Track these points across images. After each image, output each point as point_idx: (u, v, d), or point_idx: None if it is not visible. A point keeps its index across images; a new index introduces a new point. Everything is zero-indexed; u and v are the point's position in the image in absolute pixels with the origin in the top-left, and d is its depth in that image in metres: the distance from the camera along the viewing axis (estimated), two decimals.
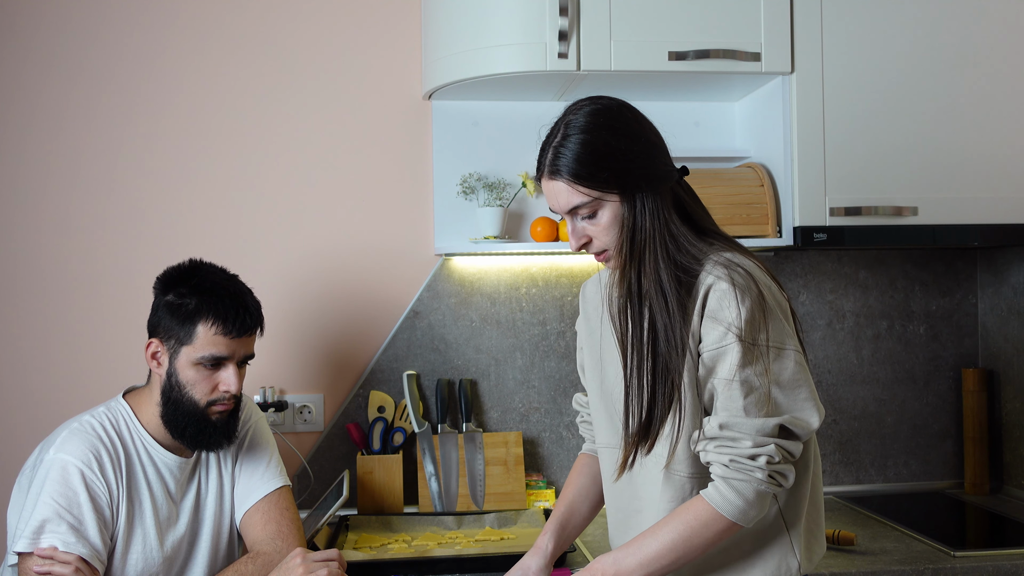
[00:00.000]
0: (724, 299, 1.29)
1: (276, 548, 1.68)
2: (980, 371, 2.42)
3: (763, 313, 1.29)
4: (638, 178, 1.33)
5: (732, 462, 1.26)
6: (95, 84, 2.25)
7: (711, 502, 1.28)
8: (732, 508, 1.27)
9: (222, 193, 2.29)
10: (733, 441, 1.27)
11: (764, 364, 1.28)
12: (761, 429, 1.26)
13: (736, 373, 1.27)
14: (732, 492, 1.26)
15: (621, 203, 1.34)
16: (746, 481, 1.26)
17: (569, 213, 1.37)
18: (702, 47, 2.06)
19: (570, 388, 2.38)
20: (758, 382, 1.27)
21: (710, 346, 1.30)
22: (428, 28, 2.24)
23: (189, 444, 1.65)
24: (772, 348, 1.29)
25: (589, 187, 1.32)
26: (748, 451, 1.25)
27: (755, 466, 1.25)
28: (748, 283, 1.30)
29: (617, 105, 1.38)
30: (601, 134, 1.33)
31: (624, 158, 1.33)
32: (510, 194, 2.32)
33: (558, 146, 1.34)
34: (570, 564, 1.81)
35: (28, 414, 2.20)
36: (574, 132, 1.34)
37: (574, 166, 1.32)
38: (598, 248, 1.38)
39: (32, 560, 1.50)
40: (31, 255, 2.23)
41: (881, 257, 2.48)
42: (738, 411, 1.27)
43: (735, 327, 1.27)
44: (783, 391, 1.29)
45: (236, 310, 1.62)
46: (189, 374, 1.61)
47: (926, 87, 2.13)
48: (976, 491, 2.40)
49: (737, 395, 1.27)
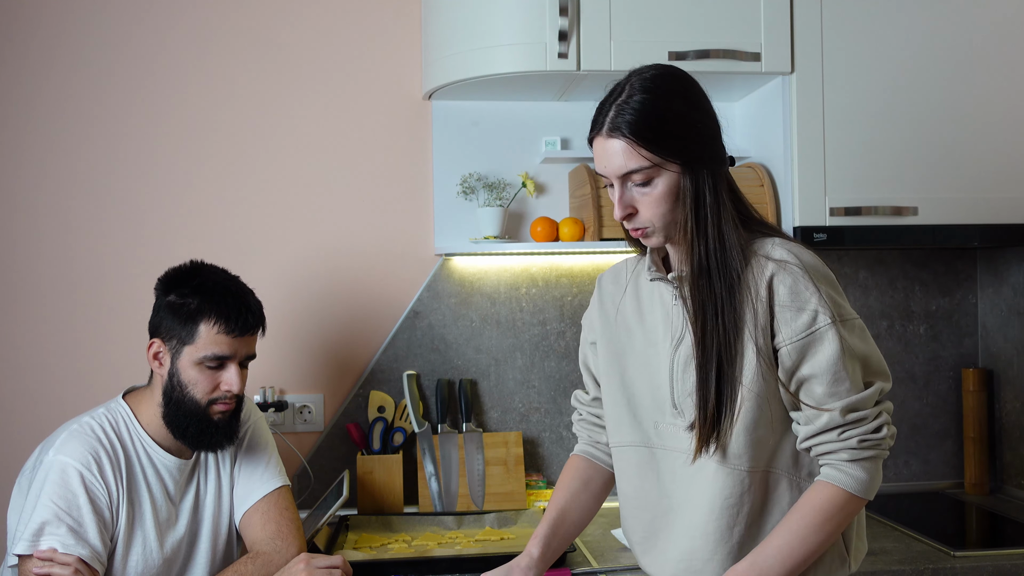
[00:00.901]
0: (798, 284, 1.25)
1: (276, 548, 1.68)
2: (980, 371, 2.42)
3: (836, 290, 1.28)
4: (703, 152, 1.26)
5: (862, 442, 1.25)
6: (95, 85, 2.25)
7: (844, 486, 1.25)
8: (863, 486, 1.25)
9: (223, 193, 2.29)
10: (859, 422, 1.25)
11: (856, 334, 1.27)
12: (872, 399, 1.26)
13: (840, 353, 1.24)
14: (862, 471, 1.25)
15: (681, 174, 1.26)
16: (875, 457, 1.26)
17: (621, 178, 1.27)
18: (702, 47, 2.06)
19: (570, 388, 2.38)
20: (859, 353, 1.27)
21: (798, 334, 1.25)
22: (428, 28, 2.24)
23: (191, 444, 1.65)
24: (852, 320, 1.28)
25: (652, 151, 1.24)
26: (872, 425, 1.25)
27: (880, 438, 1.26)
28: (816, 265, 1.28)
29: (686, 74, 1.31)
30: (673, 99, 1.26)
31: (693, 128, 1.26)
32: (510, 194, 2.32)
33: (622, 104, 1.25)
34: (570, 564, 1.81)
35: (28, 414, 2.20)
36: (642, 92, 1.25)
37: (638, 126, 1.24)
38: (642, 222, 1.29)
39: (32, 562, 1.50)
40: (31, 255, 2.23)
41: (881, 257, 2.48)
42: (851, 389, 1.25)
43: (825, 310, 1.24)
44: (872, 358, 1.29)
45: (238, 309, 1.62)
46: (191, 374, 1.61)
47: (926, 87, 2.12)
48: (976, 491, 2.40)
49: (845, 375, 1.24)
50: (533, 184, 2.32)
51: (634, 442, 1.40)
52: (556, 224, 2.23)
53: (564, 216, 2.34)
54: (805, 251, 1.29)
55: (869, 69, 2.11)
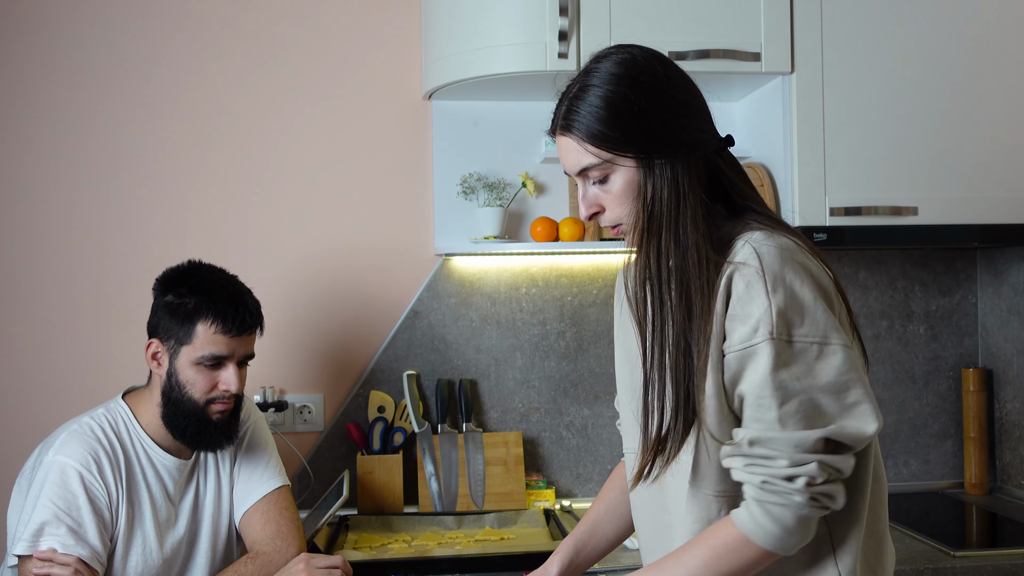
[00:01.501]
0: (751, 288, 1.08)
1: (276, 548, 1.68)
2: (980, 371, 2.42)
3: (800, 302, 1.08)
4: (658, 141, 1.14)
5: (765, 484, 1.07)
6: (95, 84, 2.25)
7: (741, 526, 1.09)
8: (766, 535, 1.08)
9: (222, 193, 2.29)
10: (766, 460, 1.07)
11: (805, 364, 1.07)
12: (800, 444, 1.06)
13: (769, 378, 1.06)
14: (767, 517, 1.07)
15: (637, 168, 1.15)
16: (784, 506, 1.07)
17: (579, 175, 1.20)
18: (702, 47, 2.06)
19: (570, 388, 2.38)
20: (797, 387, 1.07)
21: (736, 346, 1.10)
22: (428, 28, 2.24)
23: (190, 444, 1.65)
24: (814, 344, 1.07)
25: (600, 147, 1.15)
26: (784, 471, 1.06)
27: (793, 488, 1.06)
28: (781, 266, 1.09)
29: (646, 56, 1.19)
30: (621, 87, 1.15)
31: (644, 117, 1.14)
32: (510, 194, 2.32)
33: (573, 98, 1.18)
34: None
35: (28, 414, 2.20)
36: (593, 83, 1.17)
37: (586, 121, 1.16)
38: (610, 220, 1.20)
39: (32, 562, 1.50)
40: (31, 256, 2.23)
41: (881, 257, 2.48)
42: (772, 423, 1.07)
43: (765, 322, 1.07)
44: (829, 395, 1.07)
45: (235, 309, 1.62)
46: (189, 374, 1.61)
47: (926, 87, 2.12)
48: (976, 491, 2.40)
49: (770, 404, 1.07)
50: (533, 184, 2.32)
51: (632, 449, 1.30)
52: (556, 224, 2.23)
53: (564, 216, 2.34)
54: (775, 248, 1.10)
55: (869, 69, 2.11)
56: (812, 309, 1.08)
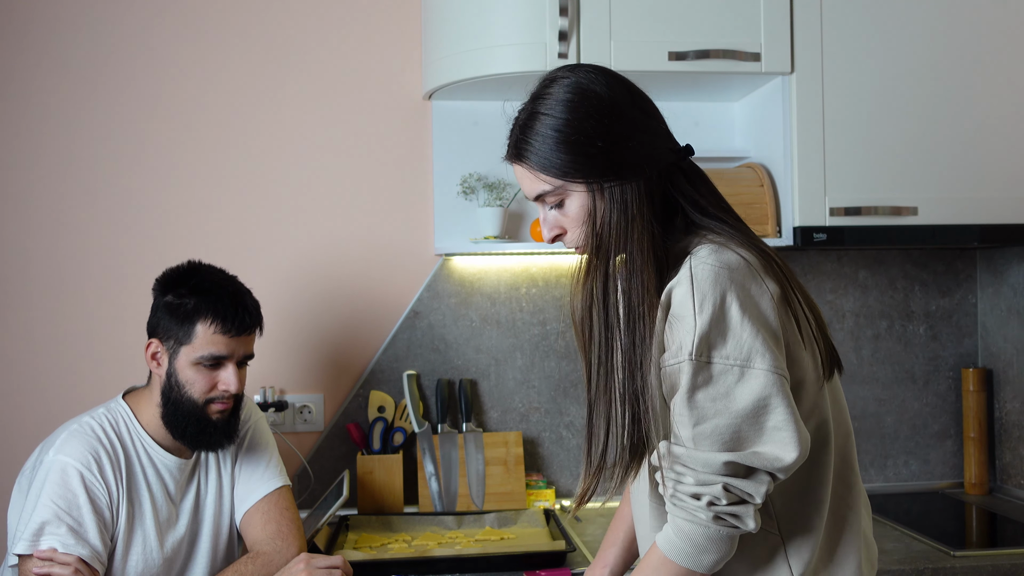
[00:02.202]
0: (682, 307, 1.08)
1: (276, 548, 1.68)
2: (980, 371, 2.42)
3: (725, 322, 1.06)
4: (608, 165, 1.14)
5: (674, 497, 1.10)
6: (93, 83, 2.25)
7: (659, 545, 1.12)
8: (677, 551, 1.10)
9: (222, 193, 2.29)
10: (678, 474, 1.09)
11: (723, 387, 1.06)
12: (707, 465, 1.06)
13: (685, 396, 1.07)
14: (677, 533, 1.10)
15: (587, 193, 1.16)
16: (691, 522, 1.09)
17: (537, 200, 1.21)
18: (702, 47, 2.06)
19: (570, 388, 2.38)
20: (711, 409, 1.06)
21: (668, 361, 1.10)
22: (428, 28, 2.24)
23: (190, 444, 1.66)
24: (735, 367, 1.06)
25: (551, 174, 1.16)
26: (690, 488, 1.08)
27: (697, 506, 1.07)
28: (712, 285, 1.07)
29: (592, 77, 1.18)
30: (568, 115, 1.15)
31: (591, 143, 1.14)
32: (510, 194, 2.32)
33: (523, 126, 1.20)
34: (570, 564, 1.81)
35: (28, 414, 2.20)
36: (540, 111, 1.18)
37: (536, 150, 1.17)
38: (572, 242, 1.21)
39: (32, 562, 1.50)
40: (29, 255, 2.23)
41: (881, 257, 2.48)
42: (687, 440, 1.08)
43: (687, 342, 1.07)
44: (746, 419, 1.06)
45: (235, 309, 1.62)
46: (188, 374, 1.61)
47: (926, 87, 2.12)
48: (976, 491, 2.40)
49: (686, 422, 1.08)
50: None
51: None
52: None
53: None
54: (710, 267, 1.09)
55: (869, 69, 2.11)
56: (738, 331, 1.06)
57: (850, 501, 1.21)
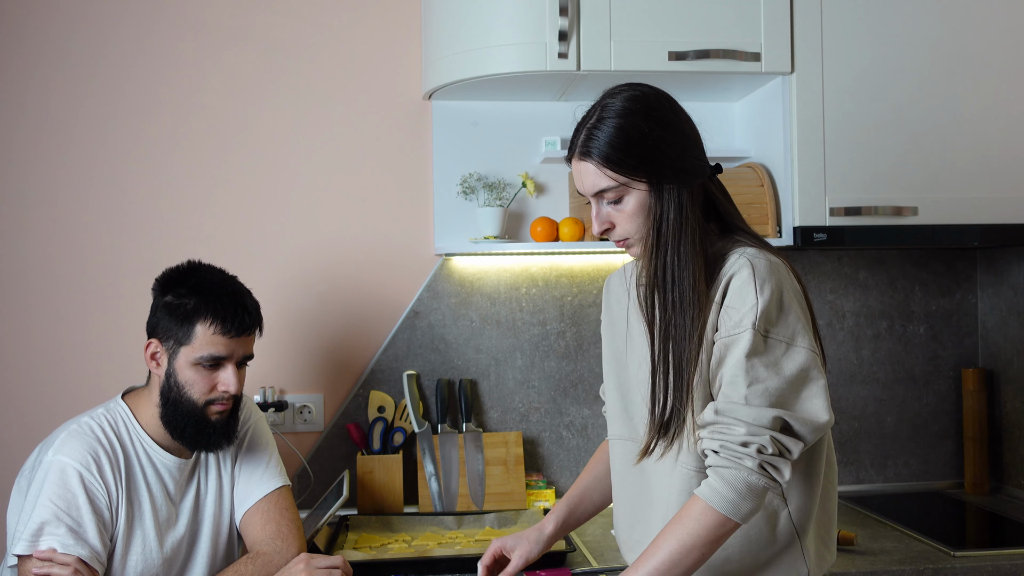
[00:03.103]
0: (744, 288, 1.28)
1: (276, 548, 1.68)
2: (980, 371, 2.42)
3: (780, 306, 1.28)
4: (668, 169, 1.32)
5: (722, 448, 1.24)
6: (92, 83, 2.25)
7: (701, 495, 1.25)
8: (722, 500, 1.23)
9: (222, 193, 2.29)
10: (727, 427, 1.25)
11: (773, 357, 1.26)
12: (758, 418, 1.23)
13: (743, 361, 1.25)
14: (721, 482, 1.23)
15: (649, 192, 1.33)
16: (735, 469, 1.23)
17: (595, 196, 1.36)
18: (702, 47, 2.06)
19: (570, 388, 2.38)
20: (764, 373, 1.25)
21: (724, 334, 1.29)
22: (428, 28, 2.24)
23: (189, 445, 1.65)
24: (783, 342, 1.27)
25: (617, 171, 1.32)
26: (740, 438, 1.23)
27: (744, 453, 1.23)
28: (769, 274, 1.29)
29: (655, 93, 1.37)
30: (636, 120, 1.32)
31: (656, 147, 1.32)
32: (510, 194, 2.32)
33: (592, 128, 1.34)
34: (570, 564, 1.81)
35: (27, 415, 2.20)
36: (609, 115, 1.33)
37: (605, 149, 1.32)
38: (620, 235, 1.37)
39: (31, 562, 1.50)
40: (29, 256, 2.23)
41: (881, 257, 2.48)
42: (738, 398, 1.25)
43: (750, 316, 1.26)
44: (789, 385, 1.26)
45: (234, 310, 1.62)
46: (188, 375, 1.61)
47: (926, 87, 2.12)
48: (976, 491, 2.40)
49: (740, 383, 1.25)
50: (533, 184, 2.32)
51: (623, 436, 1.47)
52: (556, 224, 2.23)
53: (564, 216, 2.34)
54: (766, 262, 1.31)
55: (869, 69, 2.11)
56: (786, 315, 1.29)
57: (832, 477, 1.43)
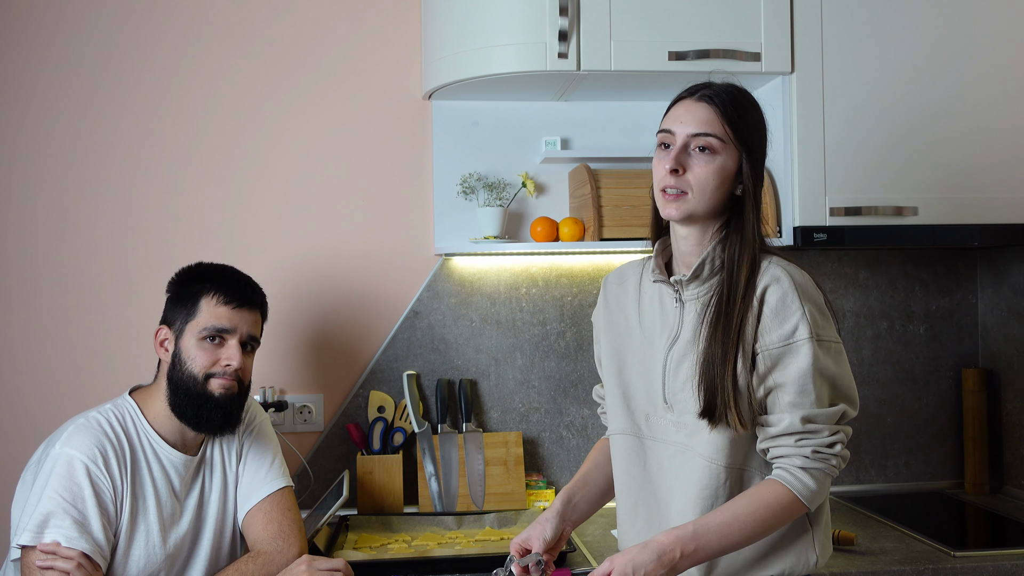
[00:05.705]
0: (787, 298, 1.36)
1: (277, 548, 1.69)
2: (980, 371, 2.42)
3: (821, 312, 1.38)
4: (759, 156, 1.42)
5: (815, 453, 1.35)
6: (92, 83, 2.25)
7: (793, 489, 1.34)
8: (811, 494, 1.35)
9: (222, 193, 2.29)
10: (815, 433, 1.35)
11: (831, 359, 1.37)
12: (833, 417, 1.36)
13: (812, 367, 1.34)
14: (812, 480, 1.35)
15: (737, 162, 1.40)
16: (824, 469, 1.35)
17: (691, 136, 1.39)
18: (702, 47, 2.06)
19: (570, 388, 2.38)
20: (828, 374, 1.37)
21: (776, 343, 1.36)
22: (428, 28, 2.24)
23: (192, 424, 1.67)
24: (833, 343, 1.38)
25: (729, 128, 1.38)
26: (827, 440, 1.35)
27: (832, 454, 1.35)
28: (805, 284, 1.39)
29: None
30: (756, 105, 1.45)
31: (760, 135, 1.44)
32: (510, 194, 2.32)
33: (719, 89, 1.42)
34: (570, 564, 1.81)
35: (34, 412, 2.20)
36: (734, 91, 1.43)
37: (730, 106, 1.39)
38: (685, 184, 1.39)
39: (35, 553, 1.50)
40: (31, 255, 2.23)
41: (881, 257, 2.48)
42: (814, 403, 1.35)
43: (804, 325, 1.35)
44: (842, 382, 1.39)
45: (237, 282, 1.70)
46: (192, 350, 1.65)
47: (926, 87, 2.13)
48: (976, 491, 2.40)
49: (811, 389, 1.35)
50: (533, 184, 2.32)
51: (625, 431, 1.51)
52: (556, 224, 2.24)
53: (564, 216, 2.34)
54: (798, 271, 1.41)
55: (869, 69, 2.11)
56: (828, 320, 1.40)
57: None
